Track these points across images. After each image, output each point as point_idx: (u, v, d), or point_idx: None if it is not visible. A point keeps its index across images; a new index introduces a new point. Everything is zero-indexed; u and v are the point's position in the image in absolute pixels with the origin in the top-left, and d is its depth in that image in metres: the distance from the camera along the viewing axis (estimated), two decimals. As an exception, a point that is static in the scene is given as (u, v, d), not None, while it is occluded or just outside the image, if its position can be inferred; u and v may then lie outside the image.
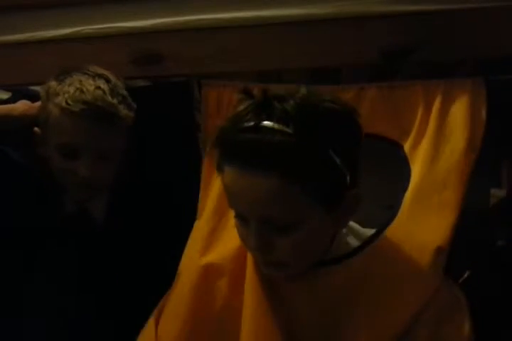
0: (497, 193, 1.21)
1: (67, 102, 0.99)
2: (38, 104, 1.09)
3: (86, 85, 1.00)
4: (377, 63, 1.12)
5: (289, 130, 0.71)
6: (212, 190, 1.04)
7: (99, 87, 1.01)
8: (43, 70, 1.22)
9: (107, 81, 1.03)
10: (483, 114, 1.01)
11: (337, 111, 0.76)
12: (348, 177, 0.77)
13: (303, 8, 1.12)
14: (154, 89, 1.27)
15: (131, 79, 1.17)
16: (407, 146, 1.03)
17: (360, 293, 0.84)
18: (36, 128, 1.07)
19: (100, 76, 1.04)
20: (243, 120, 0.74)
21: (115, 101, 1.01)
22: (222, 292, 0.90)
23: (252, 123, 0.72)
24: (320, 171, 0.74)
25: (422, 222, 0.91)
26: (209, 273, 0.92)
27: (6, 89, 1.29)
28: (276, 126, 0.71)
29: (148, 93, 1.22)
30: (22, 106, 1.10)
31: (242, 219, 0.79)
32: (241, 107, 0.76)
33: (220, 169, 0.78)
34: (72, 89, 1.00)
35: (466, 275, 1.04)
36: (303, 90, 0.77)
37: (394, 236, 0.89)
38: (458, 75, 1.10)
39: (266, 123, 0.72)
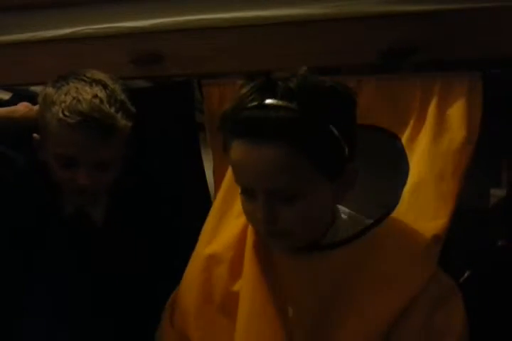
0: (497, 193, 1.22)
1: (63, 113, 0.97)
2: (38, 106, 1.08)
3: (83, 94, 0.98)
4: (377, 63, 1.12)
5: (292, 106, 0.76)
6: (222, 185, 1.06)
7: (96, 96, 0.98)
8: (43, 70, 1.22)
9: (104, 87, 1.01)
10: (480, 106, 1.03)
11: (336, 89, 0.81)
12: (346, 150, 0.81)
13: (303, 8, 1.12)
14: (155, 90, 1.27)
15: (131, 79, 1.17)
16: (404, 138, 1.05)
17: (359, 276, 0.86)
18: (35, 135, 1.06)
19: (97, 82, 1.01)
20: (248, 99, 0.78)
21: (113, 110, 0.99)
22: (222, 279, 0.94)
23: (257, 102, 0.77)
24: (321, 143, 0.79)
25: (420, 212, 0.93)
26: (210, 263, 0.95)
27: (6, 89, 1.29)
28: (280, 102, 0.77)
29: (148, 94, 1.22)
30: (23, 108, 1.09)
31: (248, 194, 0.82)
32: (244, 90, 0.81)
33: (226, 147, 0.82)
34: (68, 99, 0.98)
35: (466, 275, 1.04)
36: (304, 69, 0.82)
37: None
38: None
39: (270, 101, 0.77)
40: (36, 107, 1.08)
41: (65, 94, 0.99)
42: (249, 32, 1.15)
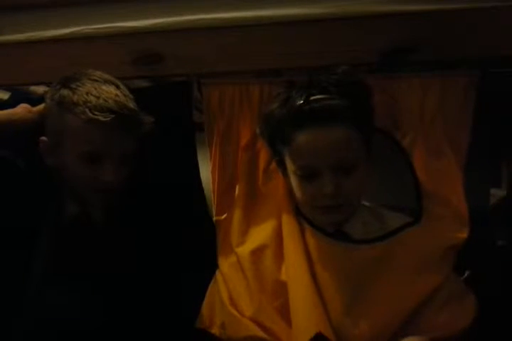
0: (497, 193, 1.21)
1: (92, 112, 0.98)
2: (39, 108, 1.07)
3: (104, 93, 1.00)
4: (377, 63, 1.12)
5: (339, 97, 0.95)
6: (239, 191, 1.13)
7: (116, 94, 1.01)
8: (43, 70, 1.22)
9: (117, 86, 1.03)
10: (479, 105, 1.06)
11: (363, 83, 1.01)
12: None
13: (303, 8, 1.12)
14: (154, 89, 1.27)
15: (131, 79, 1.17)
16: (404, 137, 1.08)
17: (390, 267, 0.98)
18: (43, 138, 1.05)
19: (109, 82, 1.03)
20: (298, 96, 0.96)
21: (135, 107, 1.03)
22: (271, 271, 1.03)
23: (310, 97, 0.95)
24: (368, 122, 1.00)
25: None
26: (255, 257, 1.04)
27: (5, 89, 1.29)
28: (329, 96, 0.95)
29: (147, 93, 1.22)
30: (22, 110, 1.07)
31: (310, 176, 0.97)
32: (287, 92, 1.00)
33: (287, 142, 0.98)
34: (93, 99, 0.99)
35: (466, 275, 1.05)
36: (343, 68, 1.00)
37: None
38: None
39: (321, 95, 0.95)
40: (37, 109, 1.07)
41: (87, 94, 1.00)
42: (249, 32, 1.15)
